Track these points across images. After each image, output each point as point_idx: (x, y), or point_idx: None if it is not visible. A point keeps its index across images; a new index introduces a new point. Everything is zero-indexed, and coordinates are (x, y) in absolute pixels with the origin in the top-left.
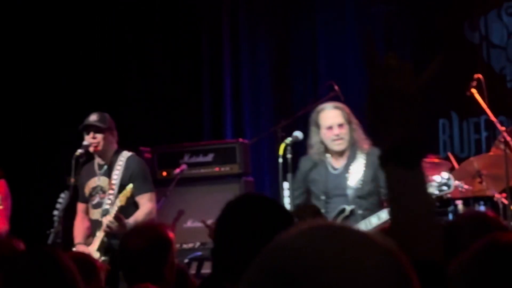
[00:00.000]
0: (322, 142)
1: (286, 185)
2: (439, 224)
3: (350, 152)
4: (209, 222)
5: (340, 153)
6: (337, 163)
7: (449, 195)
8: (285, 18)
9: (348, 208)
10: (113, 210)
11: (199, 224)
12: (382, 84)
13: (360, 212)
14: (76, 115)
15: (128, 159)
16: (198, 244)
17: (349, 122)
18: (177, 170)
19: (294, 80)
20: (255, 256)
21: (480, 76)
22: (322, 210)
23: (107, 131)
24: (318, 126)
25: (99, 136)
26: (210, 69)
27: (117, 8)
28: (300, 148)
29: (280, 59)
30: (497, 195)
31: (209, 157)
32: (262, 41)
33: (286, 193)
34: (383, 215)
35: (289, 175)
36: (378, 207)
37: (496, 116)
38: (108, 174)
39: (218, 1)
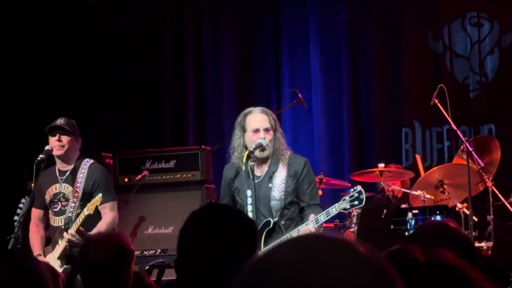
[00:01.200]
0: (245, 147)
1: (249, 192)
2: None
3: (272, 160)
4: (171, 229)
5: (263, 160)
6: (259, 171)
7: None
8: (249, 26)
9: (273, 220)
10: (79, 220)
11: (160, 231)
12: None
13: (282, 222)
14: (36, 120)
15: (91, 166)
16: (159, 251)
17: (274, 130)
18: (139, 176)
19: (257, 88)
20: (217, 265)
21: (443, 85)
22: None
23: (72, 136)
24: (243, 129)
25: (65, 139)
26: (173, 75)
27: (78, 15)
28: None
29: (243, 67)
30: (459, 205)
31: (171, 164)
32: (225, 48)
33: (249, 200)
34: (302, 229)
35: (251, 183)
36: (298, 216)
37: (458, 125)
38: (71, 181)
39: (181, 10)
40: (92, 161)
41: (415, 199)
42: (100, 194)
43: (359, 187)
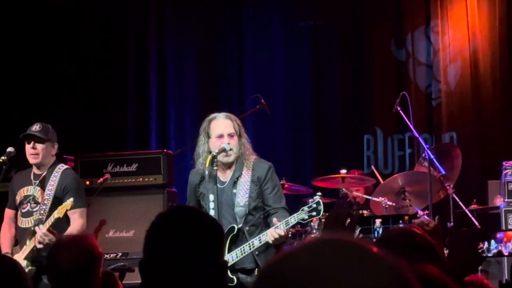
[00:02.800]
0: (209, 152)
1: (211, 197)
2: None
3: (237, 165)
4: (132, 232)
5: (227, 165)
6: (224, 176)
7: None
8: (212, 31)
9: (237, 227)
10: (49, 222)
11: (121, 234)
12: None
13: (246, 228)
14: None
15: (64, 172)
16: (120, 254)
17: (239, 135)
18: (100, 180)
19: (220, 92)
20: (184, 267)
21: (405, 93)
22: None
23: (47, 143)
24: (208, 135)
25: (39, 147)
26: (136, 79)
27: (39, 16)
28: None
29: (206, 71)
30: (420, 212)
31: (133, 167)
32: (188, 52)
33: (211, 205)
34: (264, 237)
35: (215, 187)
36: (263, 222)
37: (420, 133)
38: (43, 185)
39: (145, 14)
40: (66, 167)
41: (376, 206)
42: (72, 199)
43: (317, 198)
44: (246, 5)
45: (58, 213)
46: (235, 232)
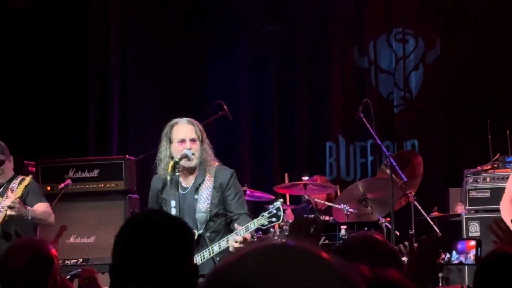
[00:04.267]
0: (171, 157)
1: (173, 203)
2: None
3: (199, 171)
4: (93, 238)
5: (189, 171)
6: (186, 182)
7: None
8: (175, 37)
9: (197, 233)
10: (12, 196)
11: (82, 240)
12: None
13: (207, 234)
14: None
15: (22, 179)
16: (81, 260)
17: (201, 140)
18: (62, 185)
19: (183, 99)
20: (153, 271)
21: (368, 100)
22: None
23: (6, 160)
24: (170, 140)
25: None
26: (98, 84)
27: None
28: None
29: (169, 77)
30: (381, 219)
31: (95, 173)
32: (151, 59)
33: (173, 211)
34: (223, 243)
35: (177, 193)
36: (224, 229)
37: (382, 140)
38: (4, 194)
39: (107, 21)
40: (23, 177)
41: (338, 213)
42: (30, 175)
43: (277, 204)
44: (209, 12)
45: (18, 191)
46: (195, 238)
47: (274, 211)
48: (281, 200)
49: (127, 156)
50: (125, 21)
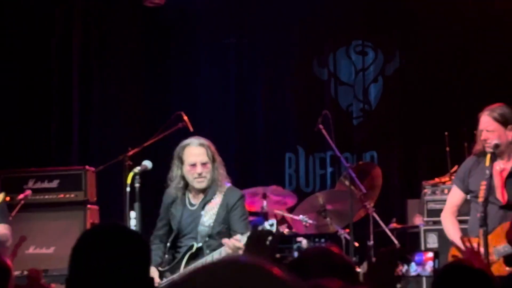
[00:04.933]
0: (183, 177)
1: (133, 214)
2: None
3: (209, 190)
4: (52, 249)
5: (199, 190)
6: (195, 199)
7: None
8: (138, 47)
9: (196, 245)
10: None
11: (41, 251)
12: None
13: (207, 251)
14: None
15: None
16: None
17: (213, 160)
18: (21, 196)
19: (144, 109)
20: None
21: (327, 112)
22: (168, 244)
23: None
24: (181, 161)
25: None
26: (59, 94)
27: None
28: (149, 177)
29: (131, 87)
30: (340, 231)
31: (55, 183)
32: (113, 70)
33: (133, 222)
34: (216, 255)
35: (136, 205)
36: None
37: (341, 152)
38: None
39: (70, 24)
40: None
41: (297, 224)
42: (4, 193)
43: (273, 221)
44: (171, 23)
45: None
46: (193, 250)
47: (269, 227)
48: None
49: (87, 166)
50: (87, 32)
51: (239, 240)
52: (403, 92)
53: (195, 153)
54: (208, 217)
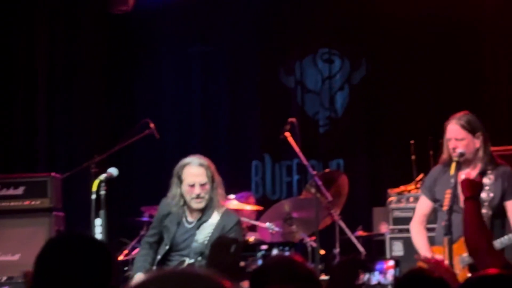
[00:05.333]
0: (182, 196)
1: (98, 221)
2: None
3: (207, 210)
4: (18, 256)
5: (197, 209)
6: (192, 217)
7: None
8: (104, 54)
9: (188, 261)
10: None
11: (6, 258)
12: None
13: None
14: None
15: None
16: (5, 278)
17: (212, 181)
18: None
19: (110, 116)
20: None
21: (294, 120)
22: (158, 256)
23: None
24: (180, 180)
25: None
26: (24, 101)
27: None
28: (114, 185)
29: (97, 95)
30: (306, 238)
31: (20, 190)
32: (78, 75)
33: (98, 230)
34: None
35: (101, 212)
36: None
37: (308, 160)
38: None
39: (34, 29)
40: None
41: (263, 231)
42: None
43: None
44: (137, 31)
45: None
46: (184, 266)
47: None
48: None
49: (52, 173)
50: (52, 39)
51: None
52: (370, 100)
53: (194, 173)
54: (203, 235)
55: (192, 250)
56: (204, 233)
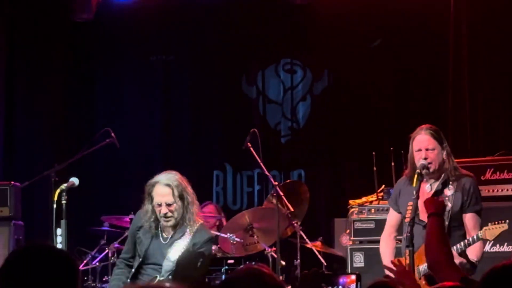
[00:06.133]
0: (154, 212)
1: (59, 231)
2: None
3: (179, 228)
4: None
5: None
6: (166, 233)
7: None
8: (64, 62)
9: (159, 278)
10: None
11: None
12: None
13: None
14: None
15: None
16: None
17: (181, 198)
18: None
19: (71, 125)
20: None
21: (255, 130)
22: (133, 270)
23: None
24: (151, 197)
25: None
26: None
27: None
28: (75, 194)
29: (58, 104)
30: (267, 249)
31: None
32: (39, 84)
33: (59, 239)
34: None
35: (62, 221)
36: None
37: (269, 170)
38: None
39: None
40: None
41: (224, 242)
42: None
43: None
44: (97, 38)
45: None
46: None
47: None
48: None
49: (12, 182)
50: (13, 46)
51: None
52: (331, 111)
53: (161, 193)
54: (174, 253)
55: (163, 268)
56: (176, 252)
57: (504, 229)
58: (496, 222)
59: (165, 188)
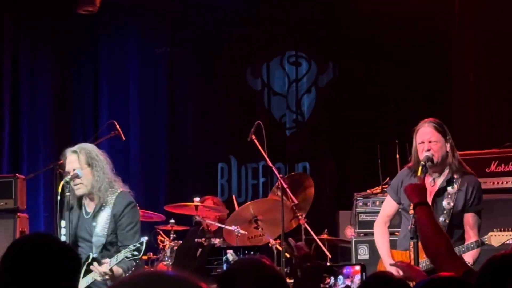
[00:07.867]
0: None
1: (63, 223)
2: None
3: (97, 198)
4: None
5: (90, 197)
6: (89, 207)
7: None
8: (69, 57)
9: (92, 255)
10: None
11: None
12: None
13: (103, 261)
14: None
15: None
16: None
17: (89, 165)
18: None
19: (75, 118)
20: None
21: (260, 122)
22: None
23: None
24: (64, 168)
25: None
26: None
27: None
28: None
29: (61, 96)
30: (272, 241)
31: None
32: (43, 75)
33: (63, 231)
34: (113, 262)
35: (67, 214)
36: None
37: (274, 162)
38: None
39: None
40: None
41: (229, 235)
42: None
43: (143, 239)
44: (101, 32)
45: None
46: (89, 261)
47: (138, 245)
48: (173, 220)
49: (17, 174)
50: (17, 38)
51: (108, 264)
52: (336, 103)
53: (69, 161)
54: (101, 227)
55: (94, 245)
56: (101, 225)
57: (511, 238)
58: (503, 229)
59: (72, 155)
